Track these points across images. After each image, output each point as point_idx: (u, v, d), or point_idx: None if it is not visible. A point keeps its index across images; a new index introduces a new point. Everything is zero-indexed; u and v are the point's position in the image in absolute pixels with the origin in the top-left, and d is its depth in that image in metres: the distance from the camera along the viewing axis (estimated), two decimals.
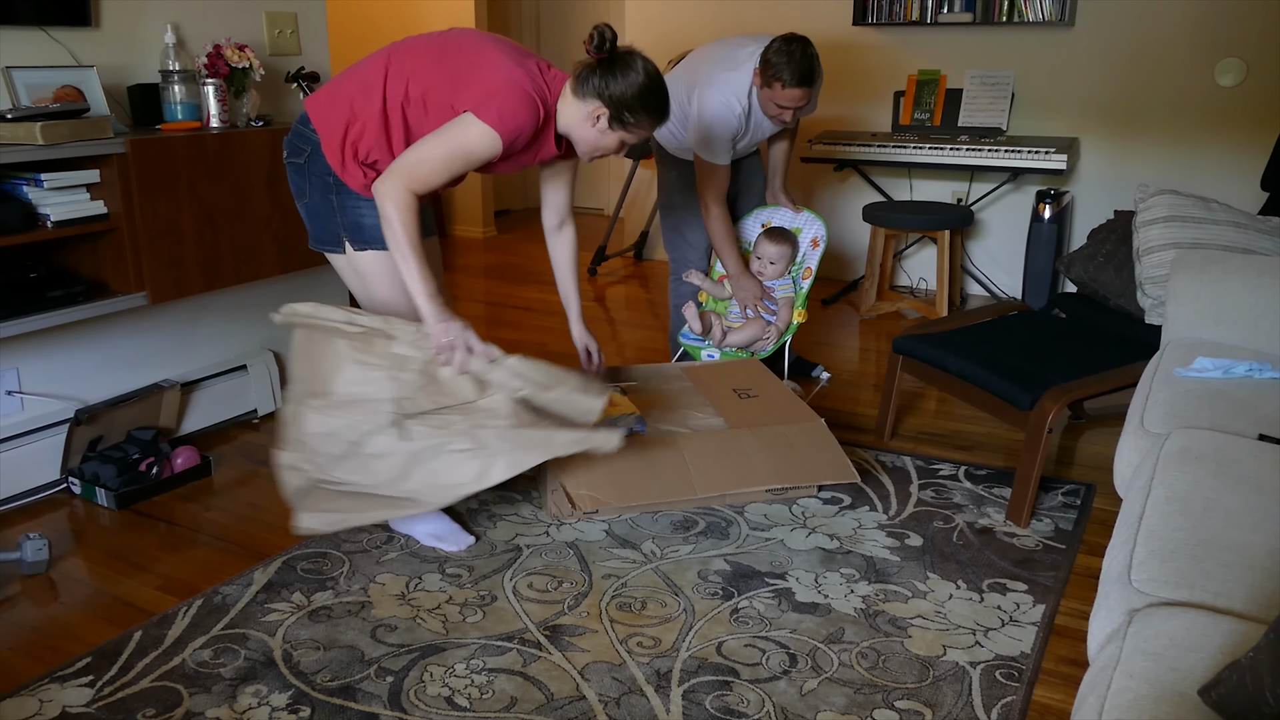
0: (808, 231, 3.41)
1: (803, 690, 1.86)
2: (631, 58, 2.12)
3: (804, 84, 2.93)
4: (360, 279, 2.32)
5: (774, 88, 2.94)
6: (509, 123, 2.06)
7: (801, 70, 2.90)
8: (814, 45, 2.96)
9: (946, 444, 3.05)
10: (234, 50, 2.83)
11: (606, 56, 2.10)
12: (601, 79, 2.10)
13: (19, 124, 2.33)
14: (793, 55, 2.89)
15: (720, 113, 3.04)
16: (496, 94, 2.06)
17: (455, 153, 2.07)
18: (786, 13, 4.95)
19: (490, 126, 2.04)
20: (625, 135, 2.18)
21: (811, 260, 3.38)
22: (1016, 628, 2.06)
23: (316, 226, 2.30)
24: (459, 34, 2.20)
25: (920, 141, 4.41)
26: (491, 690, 1.87)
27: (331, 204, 2.25)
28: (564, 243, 2.58)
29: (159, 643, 2.02)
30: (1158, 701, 1.15)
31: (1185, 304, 2.46)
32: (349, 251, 2.28)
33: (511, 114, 2.05)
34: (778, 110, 3.01)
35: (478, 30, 2.25)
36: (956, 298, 4.54)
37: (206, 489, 2.76)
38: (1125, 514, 1.70)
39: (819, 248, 3.37)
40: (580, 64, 2.13)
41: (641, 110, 2.13)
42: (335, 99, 2.19)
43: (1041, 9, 4.30)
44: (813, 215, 3.42)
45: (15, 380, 2.65)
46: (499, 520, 2.54)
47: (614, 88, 2.09)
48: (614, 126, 2.15)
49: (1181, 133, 4.28)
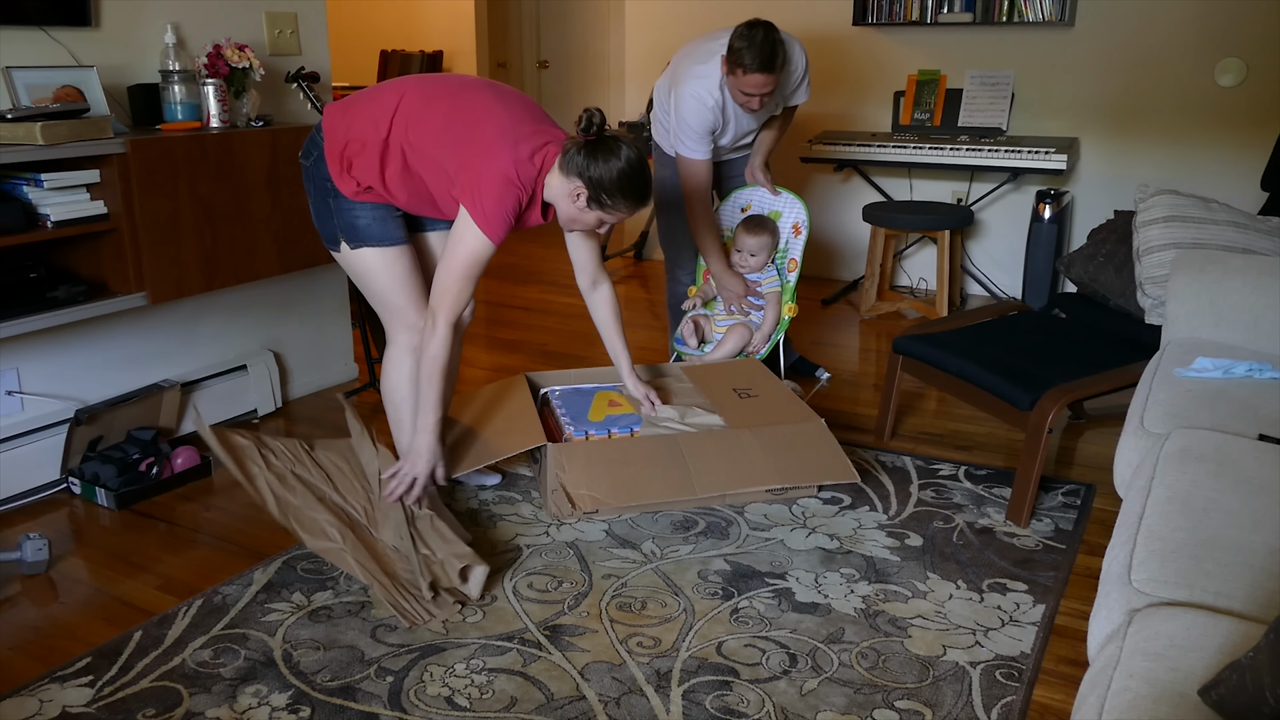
0: (788, 216, 3.33)
1: (803, 690, 1.86)
2: (616, 143, 2.19)
3: (765, 69, 2.85)
4: (357, 275, 2.45)
5: (737, 74, 2.90)
6: (495, 225, 2.19)
7: (762, 55, 2.83)
8: (779, 31, 2.91)
9: (946, 444, 3.05)
10: (234, 50, 2.83)
11: (594, 139, 2.17)
12: (585, 159, 2.18)
13: (19, 124, 2.32)
14: (754, 40, 2.83)
15: (693, 106, 3.03)
16: (483, 187, 2.17)
17: (469, 269, 2.23)
18: (787, 12, 4.95)
19: (482, 232, 2.19)
20: (603, 215, 2.26)
21: (795, 250, 3.32)
22: (1016, 628, 2.06)
23: (319, 226, 2.43)
24: (472, 92, 2.28)
25: (920, 141, 4.41)
26: (491, 690, 1.87)
27: (329, 206, 2.37)
28: (601, 301, 2.66)
29: (159, 643, 2.02)
30: (1158, 701, 1.15)
31: (1185, 304, 2.46)
32: (345, 250, 2.39)
33: (495, 209, 2.18)
34: (744, 98, 2.96)
35: (492, 88, 2.32)
36: (956, 298, 4.54)
37: (206, 489, 2.76)
38: (1125, 514, 1.70)
39: (801, 235, 3.31)
40: (570, 141, 2.21)
41: (619, 195, 2.21)
42: (348, 114, 2.32)
43: (1041, 9, 4.30)
44: (792, 196, 3.34)
45: (15, 380, 2.65)
46: (499, 520, 2.54)
47: (594, 170, 2.17)
48: (592, 206, 2.23)
49: (1181, 133, 4.28)
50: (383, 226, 2.36)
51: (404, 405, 2.52)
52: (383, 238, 2.37)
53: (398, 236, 2.38)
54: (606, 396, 2.83)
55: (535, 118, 2.30)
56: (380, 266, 2.39)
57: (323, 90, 3.28)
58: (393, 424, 2.58)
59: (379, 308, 2.48)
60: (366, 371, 3.45)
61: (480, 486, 2.72)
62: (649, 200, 2.30)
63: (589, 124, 2.17)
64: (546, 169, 2.25)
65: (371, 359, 3.35)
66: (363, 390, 3.46)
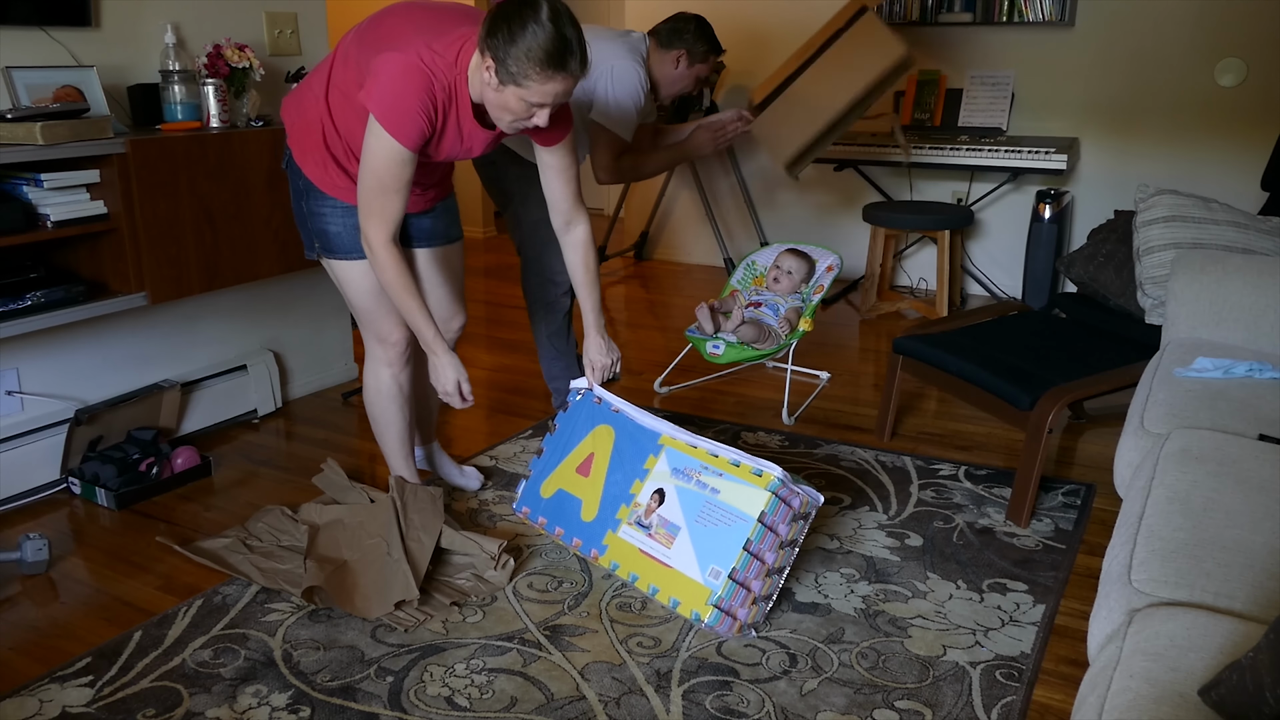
0: (823, 261, 3.49)
1: (803, 690, 1.86)
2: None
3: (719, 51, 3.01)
4: (338, 284, 2.36)
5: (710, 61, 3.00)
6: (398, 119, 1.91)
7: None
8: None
9: (946, 444, 3.05)
10: (234, 50, 2.83)
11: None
12: (491, 21, 1.83)
13: (19, 124, 2.32)
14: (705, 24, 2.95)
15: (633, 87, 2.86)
16: (381, 79, 1.92)
17: (381, 179, 1.98)
18: (787, 12, 4.95)
19: (384, 129, 1.92)
20: (521, 93, 1.86)
21: (825, 280, 3.44)
22: (1016, 628, 2.06)
23: (300, 230, 2.34)
24: (391, 15, 2.05)
25: (920, 141, 4.41)
26: (491, 690, 1.87)
27: (303, 210, 2.27)
28: (574, 243, 2.33)
29: (159, 643, 2.02)
30: (1158, 701, 1.15)
31: (1185, 304, 2.46)
32: (323, 258, 2.32)
33: (395, 102, 1.90)
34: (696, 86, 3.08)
35: (416, 5, 2.07)
36: (956, 298, 4.54)
37: (206, 489, 2.76)
38: (1125, 514, 1.70)
39: (833, 272, 3.44)
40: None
41: (525, 58, 1.80)
42: (298, 97, 2.21)
43: (1041, 9, 4.30)
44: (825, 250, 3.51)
45: (15, 380, 2.65)
46: (499, 521, 2.54)
47: (500, 31, 1.81)
48: (504, 81, 1.85)
49: (1181, 133, 4.28)
50: (353, 236, 2.21)
51: (383, 418, 2.47)
52: (352, 249, 2.24)
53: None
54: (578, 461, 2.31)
55: (459, 18, 2.00)
56: (351, 276, 2.28)
57: None
58: (375, 433, 2.54)
59: (355, 316, 2.39)
60: None
61: (458, 489, 2.70)
62: (574, 71, 1.87)
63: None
64: (465, 58, 1.94)
65: None
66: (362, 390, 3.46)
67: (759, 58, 5.09)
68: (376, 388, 2.44)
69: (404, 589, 2.12)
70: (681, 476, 2.09)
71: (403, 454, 2.52)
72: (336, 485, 2.57)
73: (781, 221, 5.25)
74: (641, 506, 2.12)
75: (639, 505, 2.12)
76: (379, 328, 2.36)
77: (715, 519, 2.01)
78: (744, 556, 1.95)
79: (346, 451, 3.01)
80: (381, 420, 2.48)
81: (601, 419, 2.27)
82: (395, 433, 2.49)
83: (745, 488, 1.99)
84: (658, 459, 2.13)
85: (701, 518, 2.02)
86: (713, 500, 2.02)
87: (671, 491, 2.09)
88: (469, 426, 3.20)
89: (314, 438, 3.12)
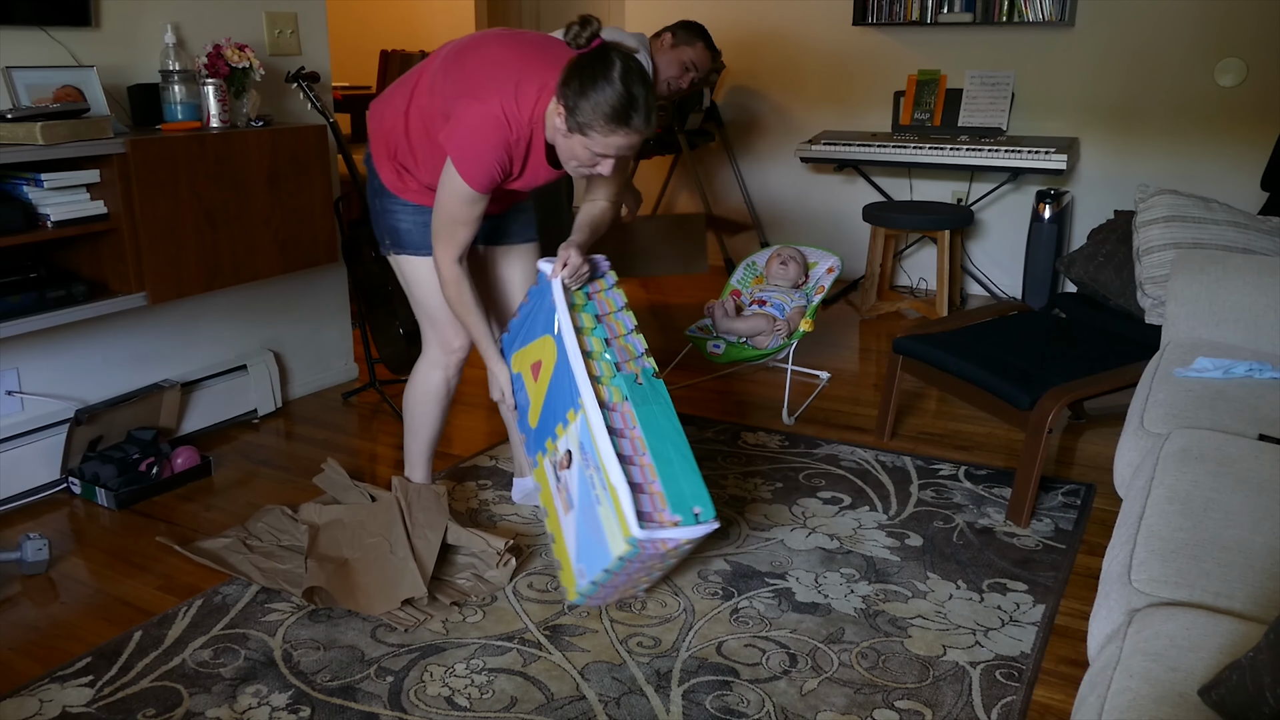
0: (823, 263, 3.51)
1: (803, 690, 1.86)
2: (607, 54, 1.92)
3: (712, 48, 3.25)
4: (403, 279, 2.39)
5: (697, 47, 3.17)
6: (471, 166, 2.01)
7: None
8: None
9: (946, 444, 3.05)
10: (234, 50, 2.83)
11: (585, 50, 1.94)
12: (568, 73, 1.92)
13: (19, 124, 2.32)
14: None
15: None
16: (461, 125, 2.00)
17: (451, 212, 2.08)
18: (787, 12, 4.95)
19: (458, 172, 2.02)
20: (587, 142, 1.95)
21: (825, 281, 3.45)
22: (1016, 628, 2.06)
23: (374, 227, 2.39)
24: (482, 44, 2.11)
25: (920, 141, 4.41)
26: (491, 690, 1.87)
27: (377, 207, 2.33)
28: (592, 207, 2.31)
29: (159, 643, 2.02)
30: (1158, 701, 1.15)
31: (1185, 304, 2.46)
32: (393, 255, 2.36)
33: (470, 149, 2.00)
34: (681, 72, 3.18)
35: (508, 34, 2.13)
36: (956, 298, 4.54)
37: (207, 489, 2.76)
38: (1125, 514, 1.70)
39: (834, 274, 3.45)
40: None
41: (594, 113, 1.90)
42: (385, 100, 2.25)
43: (1041, 9, 4.30)
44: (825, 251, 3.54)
45: (15, 380, 2.65)
46: (499, 521, 2.54)
47: (575, 84, 1.91)
48: (571, 130, 1.95)
49: (1181, 133, 4.28)
50: (422, 234, 2.26)
51: (420, 419, 2.49)
52: (421, 245, 2.28)
53: None
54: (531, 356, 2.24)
55: (547, 57, 2.04)
56: (419, 275, 2.31)
57: (323, 90, 3.28)
58: (407, 432, 2.54)
59: (418, 314, 2.40)
60: (366, 371, 3.45)
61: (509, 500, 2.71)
62: (638, 127, 1.93)
63: (575, 36, 1.92)
64: (544, 105, 2.01)
65: (371, 359, 3.35)
66: (362, 390, 3.46)
67: (759, 58, 5.09)
68: (425, 389, 2.46)
69: (412, 586, 2.13)
70: (583, 457, 1.95)
71: (426, 457, 2.56)
72: (338, 485, 2.58)
73: (781, 222, 5.25)
74: (559, 454, 2.04)
75: (556, 451, 2.06)
76: (443, 332, 2.39)
77: (593, 525, 1.91)
78: (604, 575, 1.89)
79: (346, 451, 3.01)
80: (419, 421, 2.50)
81: (548, 329, 2.15)
82: (427, 436, 2.52)
83: (614, 523, 1.84)
84: (574, 419, 2.00)
85: (585, 513, 1.93)
86: (594, 507, 1.91)
87: (575, 465, 1.98)
88: (469, 426, 3.20)
89: (314, 438, 3.12)
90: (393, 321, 3.19)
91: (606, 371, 2.07)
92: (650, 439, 1.97)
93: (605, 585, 1.93)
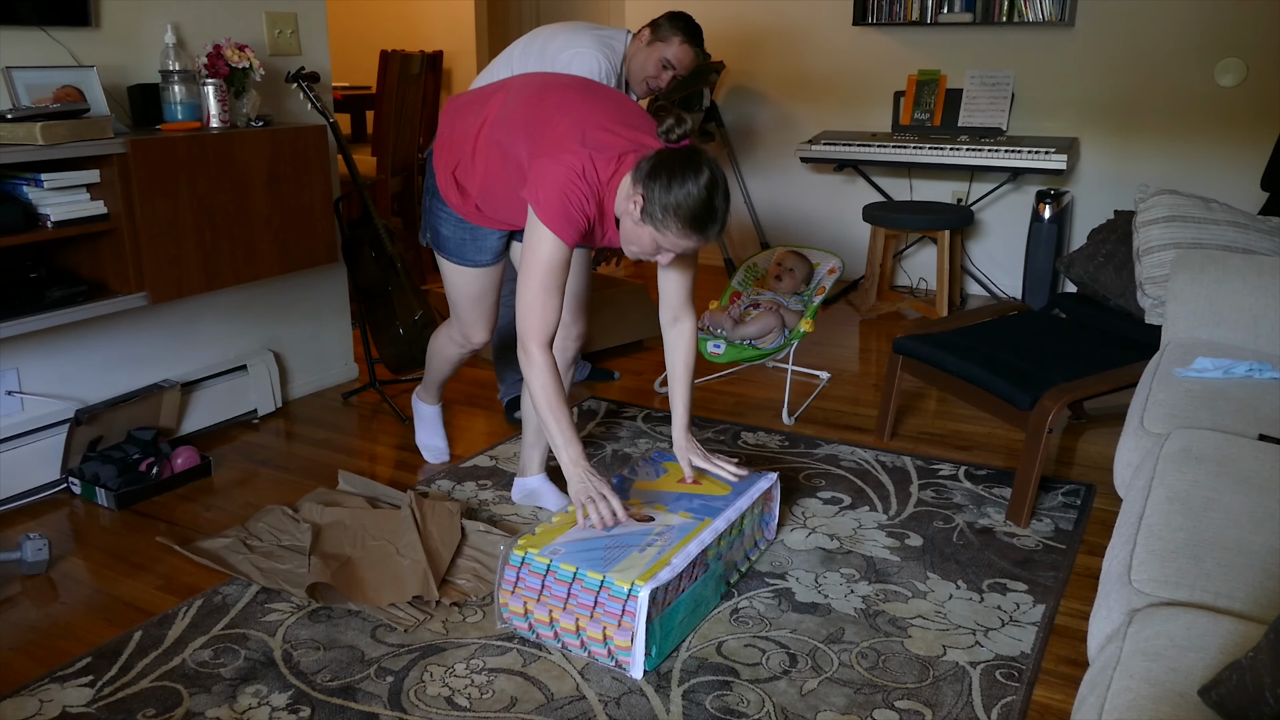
0: (825, 264, 3.52)
1: (803, 690, 1.86)
2: (697, 157, 1.92)
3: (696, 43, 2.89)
4: (442, 273, 2.50)
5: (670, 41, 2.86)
6: (560, 221, 1.98)
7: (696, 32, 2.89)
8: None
9: (946, 444, 3.05)
10: (234, 50, 2.83)
11: (674, 146, 1.94)
12: (653, 165, 1.92)
13: (19, 124, 2.32)
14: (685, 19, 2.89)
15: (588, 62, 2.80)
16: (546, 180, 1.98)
17: (545, 278, 2.01)
18: (786, 12, 4.95)
19: (548, 229, 1.98)
20: (656, 235, 1.94)
21: (826, 282, 3.46)
22: (1016, 628, 2.06)
23: (423, 217, 2.47)
24: (562, 90, 2.13)
25: (920, 141, 4.41)
26: (491, 690, 1.87)
27: (428, 204, 2.42)
28: (679, 339, 2.29)
29: (159, 643, 2.02)
30: (1158, 701, 1.15)
31: (1185, 304, 2.46)
32: (436, 251, 2.45)
33: (558, 204, 1.97)
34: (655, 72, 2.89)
35: (586, 86, 2.16)
36: (956, 298, 4.54)
37: (206, 489, 2.76)
38: (1125, 514, 1.70)
39: (835, 275, 3.46)
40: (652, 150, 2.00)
41: (673, 215, 1.89)
42: (458, 110, 2.28)
43: (1041, 9, 4.30)
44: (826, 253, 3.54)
45: (15, 380, 2.65)
46: (499, 520, 2.54)
47: (659, 179, 1.90)
48: (644, 219, 1.93)
49: (1181, 133, 4.28)
50: (461, 248, 2.38)
51: (435, 365, 2.75)
52: (460, 256, 2.40)
53: (476, 260, 2.40)
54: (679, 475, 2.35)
55: (627, 121, 2.07)
56: (454, 278, 2.45)
57: (323, 90, 3.28)
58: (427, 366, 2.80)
59: (449, 302, 2.54)
60: (366, 371, 3.45)
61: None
62: (709, 236, 1.95)
63: (669, 130, 1.93)
64: (617, 180, 2.02)
65: (371, 359, 3.35)
66: (362, 390, 3.46)
67: (759, 58, 5.09)
68: (443, 351, 2.68)
69: (423, 586, 2.14)
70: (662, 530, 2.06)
71: (436, 388, 2.88)
72: (357, 483, 2.66)
73: (782, 222, 5.25)
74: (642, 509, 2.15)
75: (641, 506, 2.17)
76: (466, 328, 2.54)
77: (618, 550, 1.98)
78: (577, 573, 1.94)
79: (346, 451, 3.01)
80: (434, 364, 2.76)
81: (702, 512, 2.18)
82: (439, 376, 2.81)
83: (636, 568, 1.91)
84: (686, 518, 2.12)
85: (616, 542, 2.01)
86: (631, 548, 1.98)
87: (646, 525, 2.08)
88: (469, 426, 3.20)
89: (314, 438, 3.12)
90: (393, 321, 3.19)
91: (714, 553, 2.11)
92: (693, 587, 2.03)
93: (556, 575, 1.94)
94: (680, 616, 1.99)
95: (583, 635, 1.92)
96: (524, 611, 1.98)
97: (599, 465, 2.85)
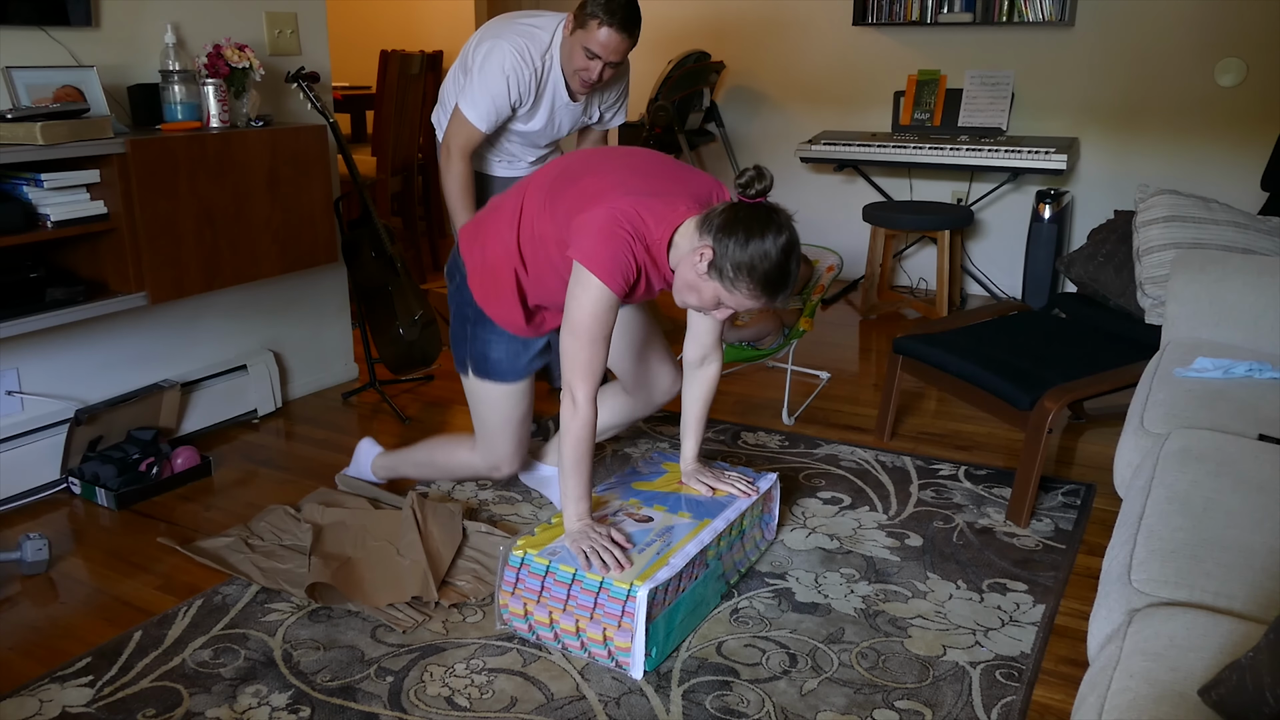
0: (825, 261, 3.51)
1: (803, 690, 1.86)
2: (774, 215, 1.85)
3: (624, 29, 2.56)
4: (472, 400, 2.38)
5: (589, 28, 2.57)
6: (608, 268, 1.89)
7: (624, 13, 2.55)
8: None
9: (946, 444, 3.05)
10: (234, 50, 2.83)
11: (750, 201, 1.87)
12: (726, 219, 1.84)
13: (19, 124, 2.32)
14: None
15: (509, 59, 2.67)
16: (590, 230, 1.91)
17: (591, 328, 1.92)
18: (786, 12, 4.95)
19: (595, 277, 1.89)
20: (720, 292, 1.87)
21: (824, 279, 3.44)
22: (1016, 628, 2.06)
23: (453, 347, 2.36)
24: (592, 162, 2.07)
25: (920, 141, 4.41)
26: (491, 690, 1.87)
27: (466, 334, 2.29)
28: (703, 380, 2.27)
29: (159, 643, 2.02)
30: (1158, 701, 1.15)
31: (1185, 304, 2.46)
32: (469, 376, 2.34)
33: (605, 252, 1.89)
34: (584, 63, 2.63)
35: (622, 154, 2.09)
36: (956, 298, 4.54)
37: (206, 489, 2.76)
38: (1125, 514, 1.70)
39: (834, 272, 3.45)
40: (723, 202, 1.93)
41: (745, 274, 1.82)
42: (481, 234, 2.20)
43: (1041, 9, 4.30)
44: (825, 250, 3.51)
45: (15, 380, 2.65)
46: (499, 521, 2.54)
47: (733, 235, 1.83)
48: (711, 274, 1.85)
49: (1181, 133, 4.28)
50: (513, 362, 2.27)
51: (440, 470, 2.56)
52: (509, 373, 2.28)
53: (528, 369, 2.30)
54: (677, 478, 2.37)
55: (672, 176, 2.01)
56: (493, 398, 2.32)
57: (323, 90, 3.28)
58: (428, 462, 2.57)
59: (476, 428, 2.41)
60: (366, 371, 3.45)
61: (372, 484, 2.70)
62: (776, 298, 1.88)
63: (749, 183, 1.85)
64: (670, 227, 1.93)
65: (371, 359, 3.35)
66: (362, 390, 3.46)
67: (759, 58, 5.09)
68: (455, 469, 2.51)
69: (423, 587, 2.14)
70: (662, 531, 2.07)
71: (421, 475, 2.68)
72: (355, 485, 2.66)
73: None
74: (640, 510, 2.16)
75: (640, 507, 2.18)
76: (494, 454, 2.40)
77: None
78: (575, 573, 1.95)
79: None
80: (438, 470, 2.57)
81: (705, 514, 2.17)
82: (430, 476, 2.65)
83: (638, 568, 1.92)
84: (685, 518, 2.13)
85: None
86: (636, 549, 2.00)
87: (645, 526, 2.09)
88: (468, 427, 3.20)
89: (314, 438, 3.12)
90: (393, 321, 3.19)
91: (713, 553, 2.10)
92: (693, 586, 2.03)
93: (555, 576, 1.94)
94: (680, 617, 1.99)
95: (583, 636, 1.92)
96: (524, 613, 1.99)
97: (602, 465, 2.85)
